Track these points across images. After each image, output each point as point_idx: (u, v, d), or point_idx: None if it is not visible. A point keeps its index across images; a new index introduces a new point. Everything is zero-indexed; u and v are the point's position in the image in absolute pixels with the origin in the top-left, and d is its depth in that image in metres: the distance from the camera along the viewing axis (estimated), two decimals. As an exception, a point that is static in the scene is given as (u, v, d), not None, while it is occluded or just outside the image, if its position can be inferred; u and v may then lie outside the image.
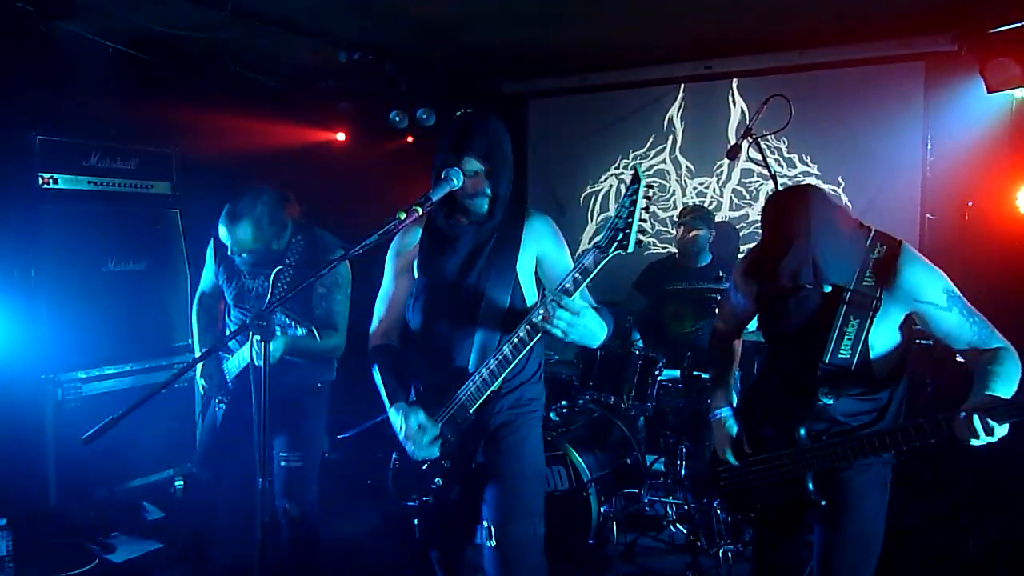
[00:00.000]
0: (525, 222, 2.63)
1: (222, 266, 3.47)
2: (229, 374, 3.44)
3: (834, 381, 2.42)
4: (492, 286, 2.55)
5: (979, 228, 4.73)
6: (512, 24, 4.88)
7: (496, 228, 2.61)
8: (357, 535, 4.63)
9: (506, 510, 2.52)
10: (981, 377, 2.27)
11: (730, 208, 5.84)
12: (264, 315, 2.17)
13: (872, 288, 2.36)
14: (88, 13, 4.30)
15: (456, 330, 2.58)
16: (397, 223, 2.30)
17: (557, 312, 2.23)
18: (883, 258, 2.38)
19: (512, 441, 2.59)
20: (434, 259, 2.65)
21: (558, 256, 2.65)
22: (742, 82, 5.71)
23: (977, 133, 4.82)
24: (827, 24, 4.84)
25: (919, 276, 2.35)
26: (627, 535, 4.38)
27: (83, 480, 4.42)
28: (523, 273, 2.62)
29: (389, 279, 2.79)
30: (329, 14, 4.63)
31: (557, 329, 2.25)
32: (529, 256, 2.62)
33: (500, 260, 2.57)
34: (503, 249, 2.58)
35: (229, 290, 3.45)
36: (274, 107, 5.98)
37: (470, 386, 2.49)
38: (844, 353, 2.39)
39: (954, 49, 4.81)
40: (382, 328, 2.78)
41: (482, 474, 2.58)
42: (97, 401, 4.51)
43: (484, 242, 2.60)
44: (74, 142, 4.57)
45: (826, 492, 2.47)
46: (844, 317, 2.39)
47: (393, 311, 2.78)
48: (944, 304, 2.34)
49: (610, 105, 6.20)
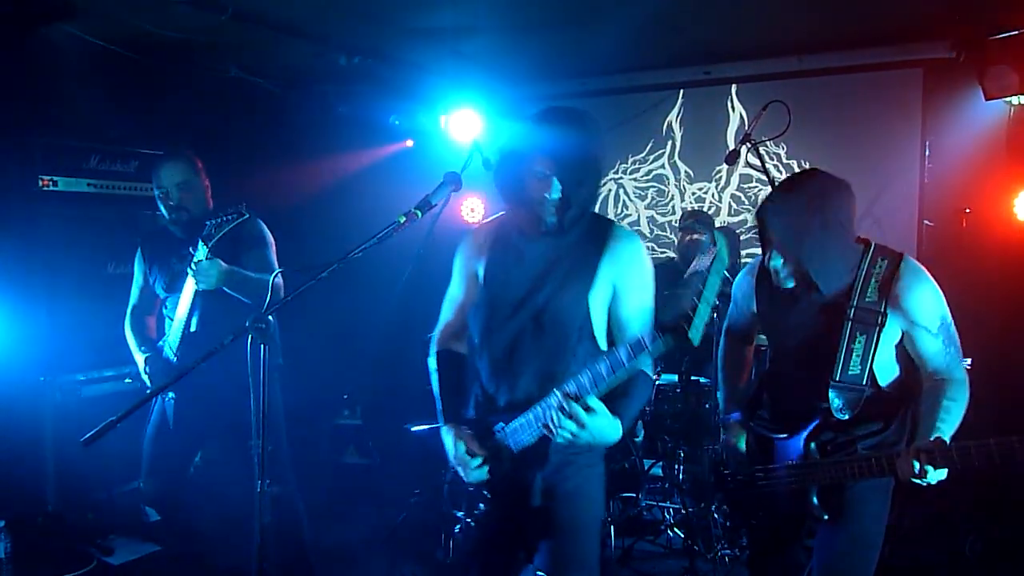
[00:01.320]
0: (607, 244, 2.33)
1: (151, 262, 3.68)
2: (172, 349, 3.52)
3: (845, 397, 2.43)
4: (558, 314, 2.29)
5: (977, 235, 4.74)
6: (511, 30, 4.89)
7: (573, 246, 2.33)
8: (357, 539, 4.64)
9: (560, 561, 2.32)
10: (933, 408, 2.32)
11: (729, 213, 5.85)
12: (262, 317, 2.18)
13: (876, 303, 2.37)
14: (89, 16, 4.30)
15: (515, 354, 2.35)
16: (396, 226, 2.31)
17: (562, 420, 2.05)
18: (885, 274, 2.38)
19: (570, 487, 2.34)
20: (500, 272, 2.42)
21: (634, 293, 2.32)
22: (741, 87, 5.73)
23: (975, 140, 4.83)
24: (826, 30, 4.85)
25: (921, 299, 2.37)
26: (625, 539, 4.39)
27: (81, 482, 4.41)
28: (595, 303, 2.32)
29: (456, 282, 2.59)
30: (329, 18, 4.64)
31: (560, 438, 2.08)
32: (605, 284, 2.32)
33: (571, 285, 2.29)
34: (577, 273, 2.29)
35: (161, 280, 3.62)
36: (274, 110, 5.99)
37: (518, 429, 2.29)
38: (854, 370, 2.40)
39: (952, 56, 4.82)
40: (446, 331, 2.62)
41: (536, 518, 2.35)
42: (96, 403, 4.50)
43: (556, 260, 2.33)
44: (74, 145, 4.58)
45: (827, 497, 2.48)
46: (850, 334, 2.40)
47: (458, 315, 2.59)
48: (935, 331, 2.37)
49: (609, 110, 6.21)
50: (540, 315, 2.31)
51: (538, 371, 2.31)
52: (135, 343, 3.72)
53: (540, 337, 2.31)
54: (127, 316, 3.79)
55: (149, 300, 3.78)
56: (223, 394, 3.20)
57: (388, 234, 2.30)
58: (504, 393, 2.38)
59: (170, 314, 3.64)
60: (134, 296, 3.81)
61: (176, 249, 3.59)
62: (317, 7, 4.42)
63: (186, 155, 3.58)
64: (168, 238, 3.63)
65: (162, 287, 3.64)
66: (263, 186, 3.76)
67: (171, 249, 3.61)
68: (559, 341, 2.29)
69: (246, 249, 3.52)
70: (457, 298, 2.59)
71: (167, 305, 3.67)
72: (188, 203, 3.53)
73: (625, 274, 2.32)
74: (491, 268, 2.44)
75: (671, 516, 4.53)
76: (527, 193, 2.26)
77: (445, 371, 2.54)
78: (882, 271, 2.39)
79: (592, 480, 2.40)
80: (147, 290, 3.75)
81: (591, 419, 2.05)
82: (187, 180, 3.53)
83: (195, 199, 3.55)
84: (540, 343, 2.31)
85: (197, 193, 3.57)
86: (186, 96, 5.25)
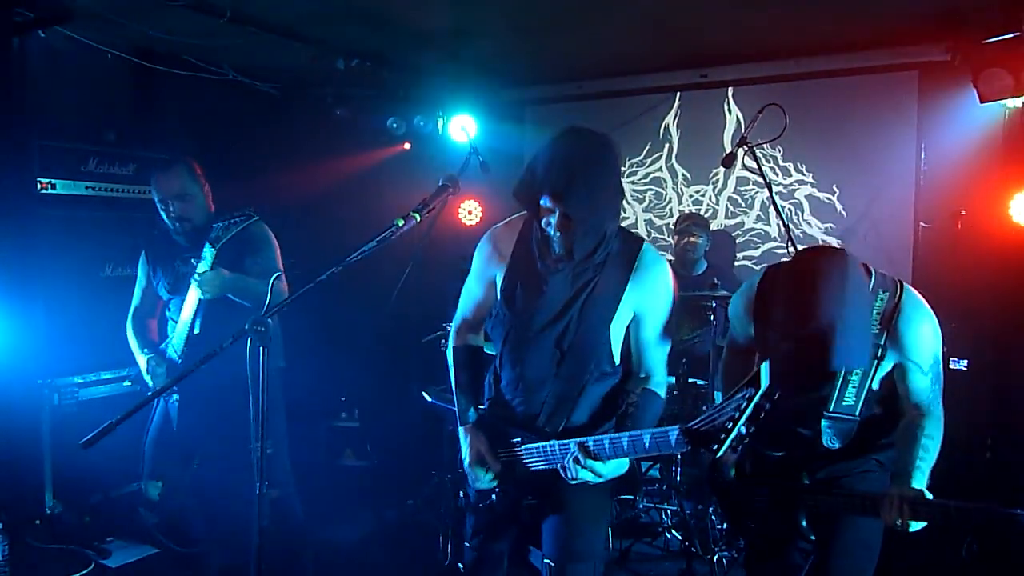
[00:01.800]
0: (633, 270, 2.32)
1: (154, 264, 3.67)
2: (176, 351, 3.52)
3: (837, 427, 2.44)
4: (578, 343, 2.33)
5: (972, 237, 4.75)
6: (509, 33, 4.90)
7: (598, 268, 2.32)
8: (355, 541, 4.64)
9: (568, 549, 2.40)
10: (912, 445, 2.34)
11: (726, 216, 5.86)
12: (262, 320, 2.18)
13: (876, 336, 2.37)
14: (88, 19, 4.31)
15: (534, 374, 2.40)
16: (395, 229, 2.32)
17: (575, 470, 2.22)
18: (887, 308, 2.37)
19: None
20: (520, 293, 2.41)
21: (656, 318, 2.35)
22: (738, 90, 5.74)
23: (970, 142, 4.84)
24: (822, 33, 4.87)
25: (920, 336, 2.37)
26: (622, 541, 4.40)
27: (79, 485, 4.42)
28: (616, 329, 2.36)
29: (474, 279, 2.59)
30: (328, 21, 4.66)
31: (571, 480, 2.25)
32: (627, 311, 2.35)
33: (592, 315, 2.31)
34: (600, 300, 2.30)
35: (165, 282, 3.62)
36: (272, 113, 6.00)
37: (535, 453, 2.38)
38: (848, 400, 2.41)
39: (947, 59, 4.84)
40: (465, 325, 2.63)
41: (544, 505, 2.45)
42: (94, 406, 4.51)
43: (579, 289, 2.33)
44: (72, 147, 4.59)
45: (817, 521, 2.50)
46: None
47: (475, 312, 2.61)
48: (926, 369, 2.39)
49: (606, 113, 6.22)
50: (560, 342, 2.35)
51: (555, 391, 2.37)
52: (137, 345, 3.72)
53: (560, 361, 2.36)
54: (129, 318, 3.79)
55: (151, 302, 3.78)
56: (227, 396, 3.20)
57: (386, 238, 2.31)
58: (521, 404, 2.45)
59: (173, 316, 3.64)
60: (136, 298, 3.80)
61: (180, 252, 3.59)
62: (315, 10, 4.43)
63: (184, 163, 3.56)
64: (171, 240, 3.63)
65: (165, 289, 3.64)
66: (261, 189, 3.77)
67: (175, 252, 3.61)
68: (578, 366, 2.34)
69: (251, 252, 3.51)
70: (475, 295, 2.60)
71: (170, 307, 3.68)
72: (189, 213, 3.51)
73: (649, 301, 2.35)
74: (512, 288, 2.44)
75: (669, 518, 4.54)
76: (545, 223, 2.27)
77: (462, 368, 2.58)
78: (883, 304, 2.37)
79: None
80: (150, 292, 3.75)
81: (604, 468, 2.21)
82: (186, 191, 3.50)
83: (196, 207, 3.53)
84: (559, 367, 2.36)
85: (197, 201, 3.55)
86: (184, 99, 5.27)
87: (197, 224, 3.52)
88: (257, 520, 2.23)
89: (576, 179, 2.14)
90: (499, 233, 2.54)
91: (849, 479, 2.53)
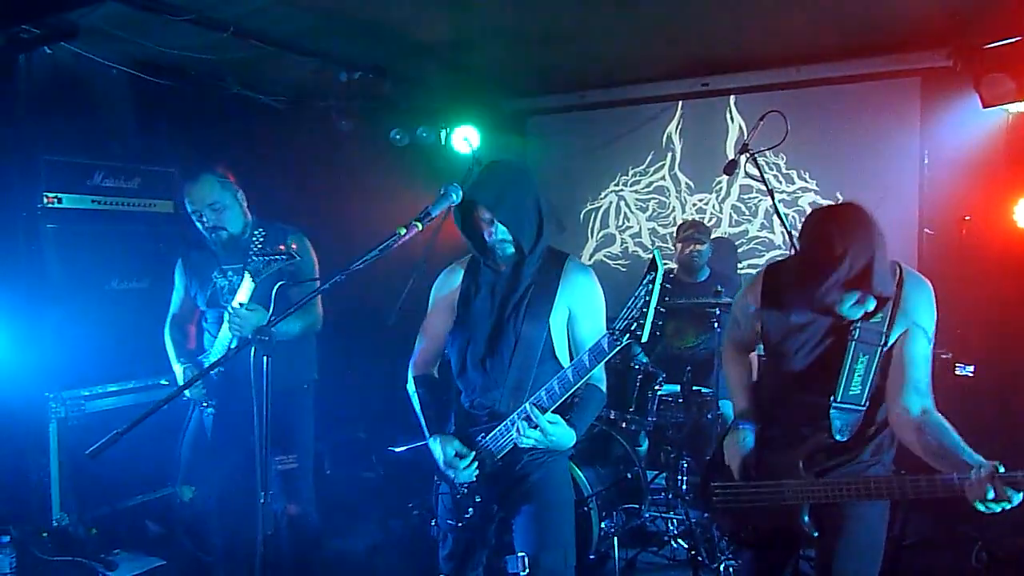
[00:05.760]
0: (562, 274, 2.68)
1: (192, 276, 3.66)
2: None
3: (845, 417, 2.44)
4: (524, 335, 2.62)
5: (977, 242, 4.75)
6: (511, 44, 4.93)
7: (533, 276, 2.67)
8: (360, 550, 4.64)
9: (538, 541, 2.59)
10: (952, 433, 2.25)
11: (729, 224, 5.87)
12: (265, 330, 2.20)
13: (880, 323, 2.38)
14: (92, 35, 4.35)
15: (490, 374, 2.67)
16: (397, 239, 2.34)
17: (526, 431, 2.44)
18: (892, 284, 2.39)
19: (540, 476, 2.66)
20: (472, 302, 2.74)
21: (587, 315, 2.68)
22: (740, 99, 5.76)
23: (973, 148, 4.84)
24: (824, 41, 4.89)
25: (924, 299, 2.40)
26: (628, 551, 4.38)
27: (86, 497, 4.42)
28: (555, 325, 2.67)
29: (432, 314, 2.89)
30: (330, 34, 4.69)
31: (524, 443, 2.47)
32: (563, 309, 2.67)
33: (534, 310, 2.63)
34: (538, 299, 2.63)
35: (202, 294, 3.60)
36: (276, 126, 6.03)
37: (498, 436, 2.60)
38: (854, 390, 2.41)
39: (949, 65, 4.85)
40: (422, 358, 2.90)
41: (512, 507, 2.67)
42: (100, 418, 4.51)
43: (519, 290, 2.67)
44: (78, 162, 4.61)
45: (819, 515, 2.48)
46: (854, 355, 2.41)
47: (433, 344, 2.89)
48: (928, 335, 2.39)
49: (609, 122, 6.25)
50: (509, 336, 2.64)
51: (510, 384, 2.62)
52: (174, 354, 3.70)
53: (510, 355, 2.63)
54: (167, 324, 3.77)
55: (190, 309, 3.76)
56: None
57: (389, 246, 2.33)
58: (482, 406, 2.69)
59: (210, 328, 3.63)
60: (175, 305, 3.78)
61: (217, 263, 3.58)
62: (317, 24, 4.46)
63: (212, 173, 3.51)
64: (207, 251, 3.61)
65: (203, 301, 3.63)
66: (265, 202, 3.79)
67: (212, 263, 3.59)
68: (527, 357, 2.61)
69: (296, 283, 3.45)
70: (433, 328, 2.88)
71: (207, 319, 3.66)
72: (224, 221, 3.48)
73: (579, 299, 2.67)
74: (466, 299, 2.76)
75: (675, 527, 4.52)
76: (482, 236, 2.63)
77: (424, 393, 2.85)
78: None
79: (556, 469, 2.71)
80: (188, 300, 3.73)
81: (552, 429, 2.44)
82: (219, 199, 3.47)
83: (231, 216, 3.50)
84: (511, 360, 2.63)
85: (232, 210, 3.51)
86: (188, 113, 5.30)
87: (234, 232, 3.50)
88: (260, 530, 2.22)
89: (506, 194, 2.58)
90: (450, 268, 2.88)
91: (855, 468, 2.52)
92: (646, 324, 2.11)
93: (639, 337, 2.13)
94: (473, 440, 2.68)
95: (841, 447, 2.48)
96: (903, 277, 2.42)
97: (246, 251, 3.40)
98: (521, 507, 2.65)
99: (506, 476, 2.66)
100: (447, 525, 2.75)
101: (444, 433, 2.73)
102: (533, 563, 2.56)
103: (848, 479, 2.42)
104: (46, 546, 4.31)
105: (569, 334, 2.72)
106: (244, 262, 3.32)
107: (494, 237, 2.60)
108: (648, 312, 2.11)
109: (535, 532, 2.61)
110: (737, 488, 2.67)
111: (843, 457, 2.51)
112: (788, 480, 2.50)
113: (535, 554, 2.57)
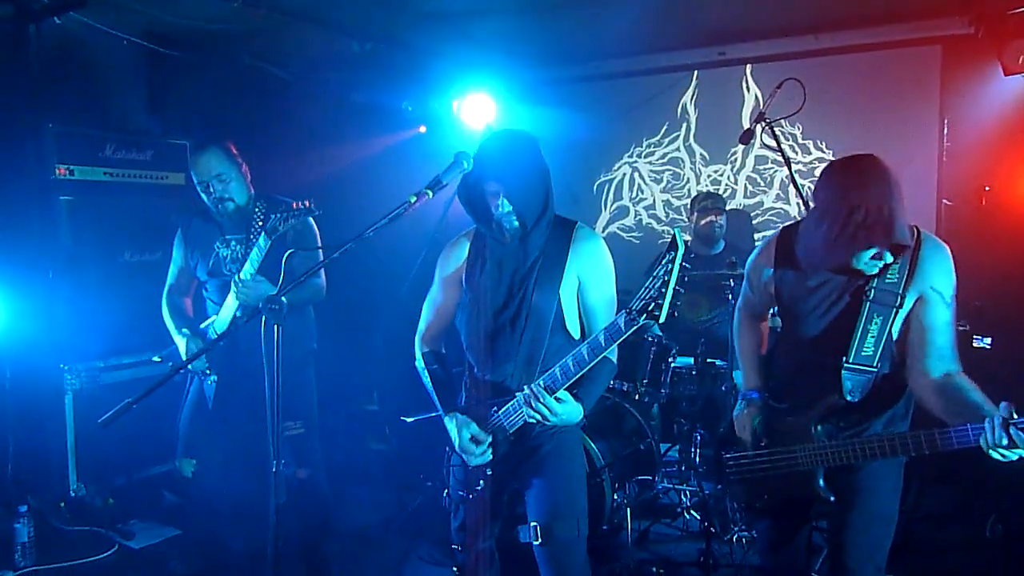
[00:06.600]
0: (571, 243, 2.62)
1: (193, 246, 3.65)
2: (218, 334, 3.52)
3: (856, 378, 2.42)
4: (535, 307, 2.57)
5: (996, 213, 4.68)
6: (523, 11, 4.86)
7: (542, 247, 2.61)
8: (374, 522, 4.67)
9: (551, 511, 2.59)
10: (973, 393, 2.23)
11: (745, 195, 5.81)
12: (275, 299, 2.19)
13: (896, 284, 2.36)
14: (102, 5, 4.32)
15: (500, 347, 2.63)
16: (407, 206, 2.32)
17: (538, 408, 2.42)
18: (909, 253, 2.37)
19: (552, 447, 2.64)
20: (479, 275, 2.69)
21: (597, 283, 2.63)
22: (756, 68, 5.68)
23: (994, 117, 4.76)
24: (842, 8, 4.79)
25: (942, 263, 2.37)
26: (641, 522, 4.39)
27: (102, 467, 4.48)
28: (565, 296, 2.62)
29: (437, 288, 2.85)
30: (341, 4, 4.64)
31: (534, 419, 2.46)
32: (572, 278, 2.62)
33: (544, 282, 2.58)
34: (547, 271, 2.58)
35: (204, 263, 3.59)
36: (287, 97, 6.00)
37: (510, 412, 2.58)
38: (867, 351, 2.39)
39: (971, 32, 4.75)
40: (429, 333, 2.88)
41: (524, 478, 2.66)
42: (115, 390, 4.56)
43: (528, 262, 2.61)
44: (90, 133, 4.62)
45: (841, 474, 2.46)
46: (868, 315, 2.39)
47: (440, 318, 2.86)
48: (947, 299, 2.35)
49: (623, 93, 6.18)
50: (520, 310, 2.60)
51: (521, 358, 2.59)
52: (173, 326, 3.70)
53: (522, 329, 2.59)
54: (164, 297, 3.77)
55: (187, 281, 3.76)
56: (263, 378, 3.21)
57: (399, 213, 2.31)
58: (493, 379, 2.65)
59: (211, 296, 3.64)
60: (171, 277, 3.78)
61: (220, 233, 3.58)
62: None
63: (218, 144, 3.52)
64: (210, 221, 3.61)
65: (204, 270, 3.63)
66: (276, 174, 3.78)
67: (214, 233, 3.60)
68: (538, 331, 2.58)
69: (302, 247, 3.45)
70: (438, 302, 2.84)
71: (207, 288, 3.67)
72: (231, 192, 3.48)
73: (588, 267, 2.61)
74: (474, 273, 2.71)
75: (687, 499, 4.52)
76: (487, 209, 2.57)
77: (436, 370, 2.82)
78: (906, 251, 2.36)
79: (568, 440, 2.69)
80: (186, 272, 3.73)
81: (560, 407, 2.42)
82: (225, 171, 3.47)
83: (237, 188, 3.50)
84: (522, 334, 2.59)
85: (238, 182, 3.52)
86: (200, 84, 5.27)
87: (239, 204, 3.51)
88: (273, 498, 2.23)
89: (513, 164, 2.52)
90: (454, 241, 2.82)
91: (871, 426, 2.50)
92: (664, 305, 2.06)
93: (657, 318, 2.08)
94: (485, 415, 2.65)
95: (854, 412, 2.46)
96: (920, 239, 2.39)
97: (250, 221, 3.44)
98: (533, 479, 2.64)
99: (518, 448, 2.64)
100: (459, 496, 2.74)
101: (458, 411, 2.70)
102: (545, 533, 2.56)
103: (861, 439, 2.40)
104: (64, 516, 4.38)
105: (579, 303, 2.66)
106: (249, 231, 3.34)
107: (500, 210, 2.54)
108: (667, 292, 2.06)
109: (547, 502, 2.60)
110: (751, 457, 2.65)
111: (855, 420, 2.49)
112: (801, 445, 2.49)
113: (547, 524, 2.57)
